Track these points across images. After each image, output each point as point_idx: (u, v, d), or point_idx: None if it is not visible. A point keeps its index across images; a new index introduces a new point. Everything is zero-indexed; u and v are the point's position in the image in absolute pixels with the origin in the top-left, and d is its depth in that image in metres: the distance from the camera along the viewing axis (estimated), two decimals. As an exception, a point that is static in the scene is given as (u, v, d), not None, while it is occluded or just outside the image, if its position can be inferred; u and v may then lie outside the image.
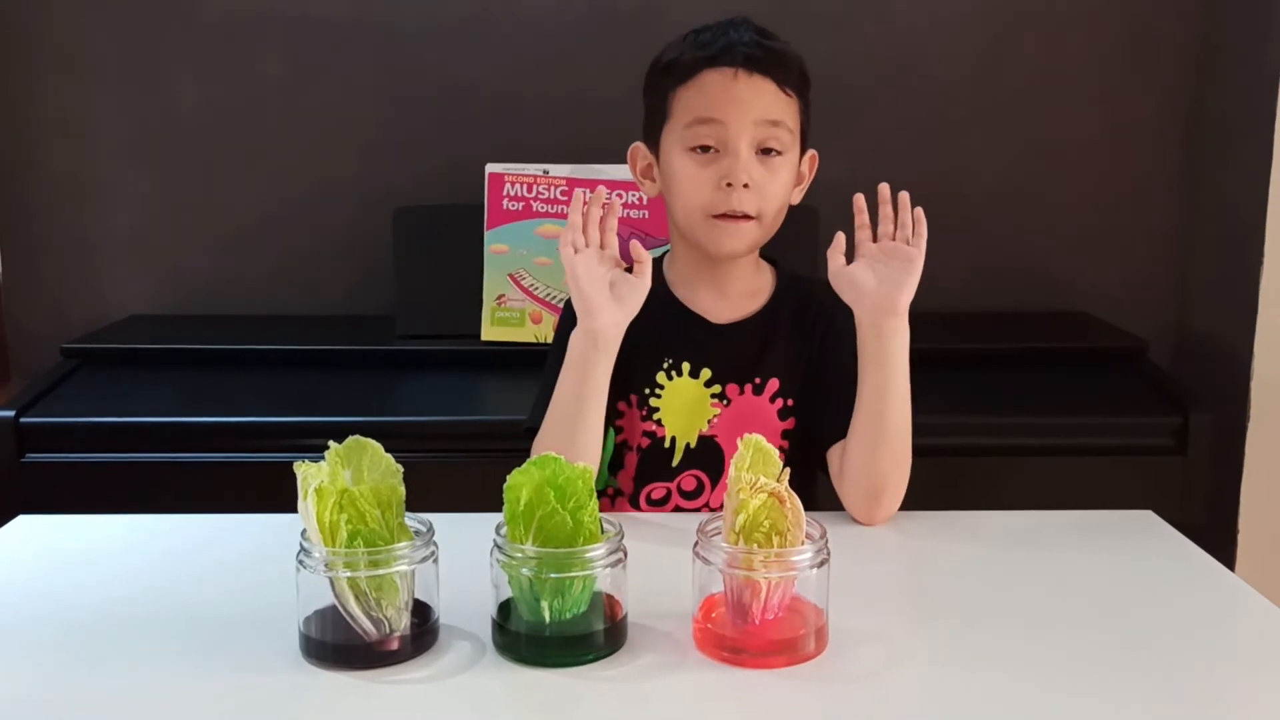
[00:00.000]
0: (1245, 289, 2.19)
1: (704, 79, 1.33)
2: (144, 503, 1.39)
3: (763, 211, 1.34)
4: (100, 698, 0.92)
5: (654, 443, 1.41)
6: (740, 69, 1.32)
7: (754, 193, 1.32)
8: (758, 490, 0.97)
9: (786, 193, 1.36)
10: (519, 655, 0.97)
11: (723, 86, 1.32)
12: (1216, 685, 0.95)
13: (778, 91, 1.33)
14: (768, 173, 1.33)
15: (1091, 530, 1.30)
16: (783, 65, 1.34)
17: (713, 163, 1.33)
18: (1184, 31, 2.40)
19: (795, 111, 1.35)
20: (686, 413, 1.40)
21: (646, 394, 1.41)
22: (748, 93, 1.32)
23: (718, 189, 1.32)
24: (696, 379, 1.39)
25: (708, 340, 1.40)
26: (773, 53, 1.34)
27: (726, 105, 1.31)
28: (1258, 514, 2.21)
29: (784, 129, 1.33)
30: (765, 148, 1.33)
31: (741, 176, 1.31)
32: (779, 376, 1.40)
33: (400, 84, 2.40)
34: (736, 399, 1.40)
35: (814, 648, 0.98)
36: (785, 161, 1.34)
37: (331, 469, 0.97)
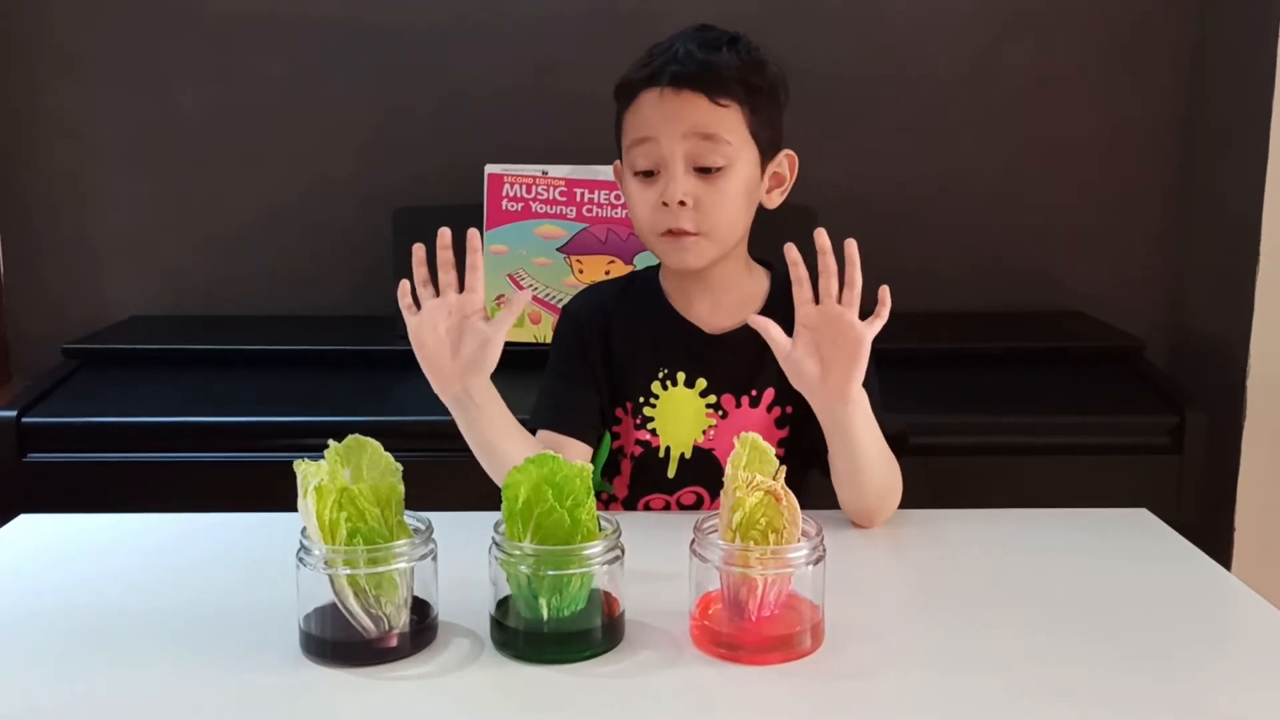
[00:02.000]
0: (1241, 288, 2.20)
1: (641, 100, 1.32)
2: (145, 502, 1.39)
3: (707, 228, 1.31)
4: (102, 695, 0.93)
5: (648, 451, 1.41)
6: (666, 87, 1.29)
7: (693, 210, 1.30)
8: (754, 488, 0.98)
9: (733, 205, 1.32)
10: (517, 652, 0.98)
11: (653, 105, 1.30)
12: (1211, 683, 0.95)
13: (709, 105, 1.29)
14: (707, 188, 1.30)
15: (1086, 528, 1.30)
16: (712, 75, 1.29)
17: (654, 184, 1.32)
18: (1179, 32, 2.41)
19: (736, 121, 1.30)
20: (682, 423, 1.39)
21: (641, 402, 1.41)
22: (676, 109, 1.29)
23: (658, 209, 1.31)
24: (692, 389, 1.39)
25: (703, 350, 1.39)
26: (703, 65, 1.29)
27: (656, 123, 1.30)
28: (1254, 513, 2.21)
29: (719, 142, 1.29)
30: (700, 165, 1.29)
31: (675, 195, 1.29)
32: (775, 385, 1.37)
33: (400, 85, 2.41)
34: (733, 412, 1.39)
35: (810, 644, 0.99)
36: (729, 175, 1.30)
37: (331, 467, 0.98)
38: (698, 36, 1.34)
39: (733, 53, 1.32)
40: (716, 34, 1.35)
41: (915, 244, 2.46)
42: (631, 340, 1.41)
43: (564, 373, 1.45)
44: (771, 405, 1.39)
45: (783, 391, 1.36)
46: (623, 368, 1.41)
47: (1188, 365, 2.41)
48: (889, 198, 2.45)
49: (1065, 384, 2.11)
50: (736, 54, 1.33)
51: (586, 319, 1.45)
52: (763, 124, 1.33)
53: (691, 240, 1.31)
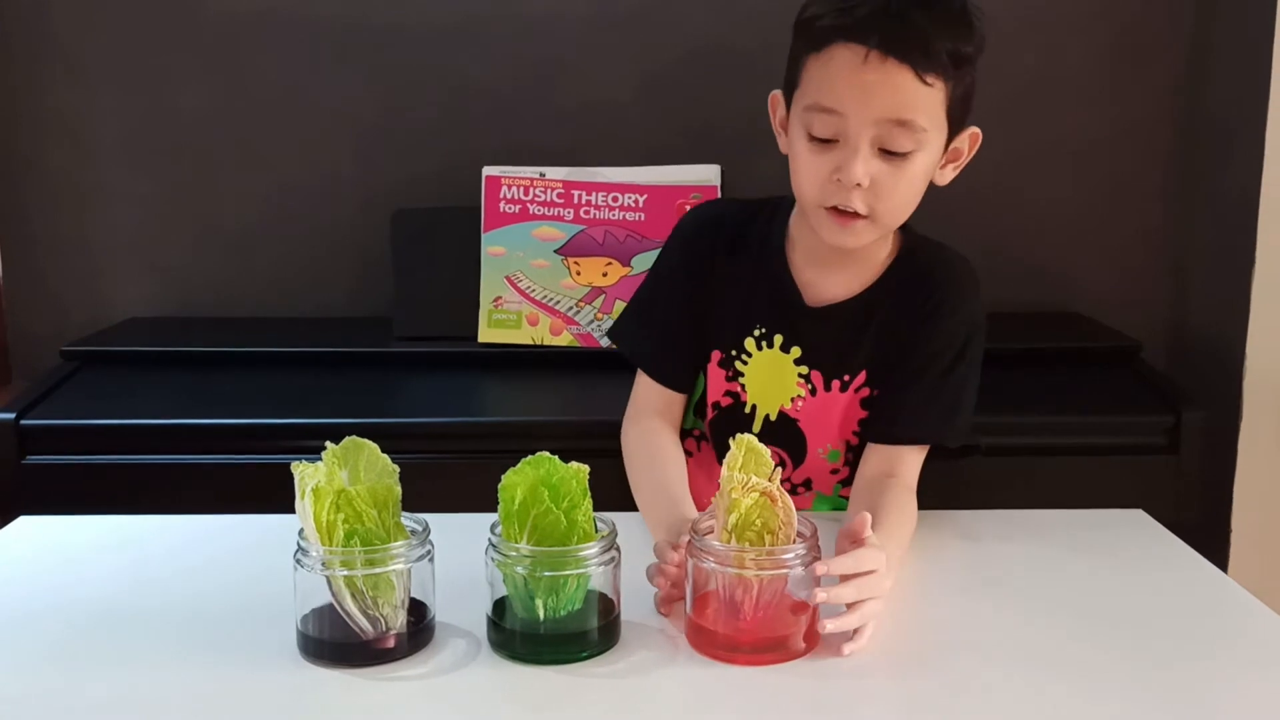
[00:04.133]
0: (1238, 289, 2.20)
1: (832, 54, 1.15)
2: (144, 504, 1.40)
3: (879, 211, 1.19)
4: (100, 695, 0.93)
5: (735, 404, 1.35)
6: (874, 50, 1.12)
7: (868, 193, 1.18)
8: (749, 490, 0.99)
9: (912, 189, 1.20)
10: (514, 653, 0.98)
11: (849, 70, 1.13)
12: (1206, 684, 0.96)
13: (914, 82, 1.13)
14: (890, 171, 1.17)
15: (1082, 529, 1.31)
16: (926, 45, 1.12)
17: (829, 151, 1.17)
18: (1176, 32, 2.41)
19: (937, 102, 1.16)
20: (771, 384, 1.33)
21: (733, 355, 1.34)
22: (877, 82, 1.13)
23: (830, 181, 1.18)
24: (787, 354, 1.32)
25: (801, 321, 1.31)
26: (916, 30, 1.12)
27: (848, 96, 1.14)
28: (1251, 514, 2.22)
29: (915, 129, 1.15)
30: (887, 148, 1.16)
31: (855, 177, 1.16)
32: (868, 367, 1.31)
33: (398, 86, 2.41)
34: (822, 392, 1.33)
35: (804, 645, 0.99)
36: (915, 159, 1.17)
37: (328, 469, 0.98)
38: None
39: (945, 8, 1.16)
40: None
41: (913, 245, 2.46)
42: (734, 285, 1.33)
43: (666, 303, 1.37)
44: (860, 387, 1.32)
45: (874, 373, 1.31)
46: (720, 312, 1.33)
47: (1185, 366, 2.41)
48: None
49: (1062, 384, 2.11)
50: (950, 10, 1.17)
51: (697, 244, 1.36)
52: (961, 99, 1.19)
53: (861, 224, 1.20)
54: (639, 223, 2.17)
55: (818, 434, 1.34)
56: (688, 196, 2.16)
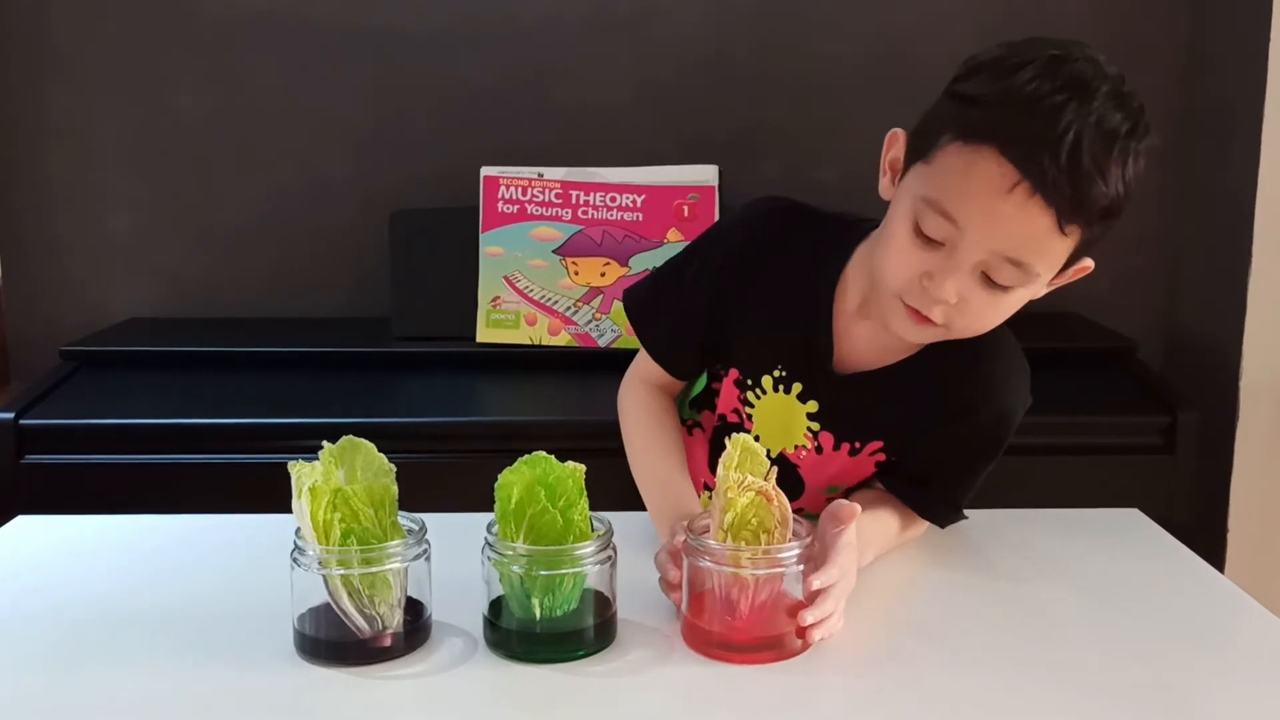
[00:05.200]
0: (1234, 289, 2.21)
1: (977, 157, 0.98)
2: (142, 503, 1.40)
3: (959, 329, 1.08)
4: (98, 694, 0.93)
5: (739, 427, 1.28)
6: (1024, 182, 0.96)
7: (954, 311, 1.05)
8: (745, 489, 0.99)
9: (1003, 314, 1.08)
10: (510, 652, 0.98)
11: (987, 188, 0.98)
12: (1202, 684, 0.96)
13: (1052, 229, 0.98)
14: (985, 298, 1.04)
15: (1078, 528, 1.31)
16: (1082, 196, 0.97)
17: (929, 251, 1.04)
18: (1170, 34, 2.41)
19: (1067, 249, 1.02)
20: (778, 427, 1.26)
21: (749, 384, 1.26)
22: (1012, 217, 0.98)
23: (919, 279, 1.05)
24: (803, 405, 1.23)
25: (825, 383, 1.21)
26: (1083, 182, 0.96)
27: (976, 215, 1.00)
28: (1248, 514, 2.22)
29: (1028, 270, 1.02)
30: (991, 278, 1.03)
31: (946, 295, 1.03)
32: (885, 438, 1.22)
33: (396, 88, 2.42)
34: (829, 452, 1.25)
35: (800, 644, 1.00)
36: (1016, 292, 1.05)
37: (325, 468, 0.98)
38: (1102, 110, 0.97)
39: (1124, 151, 0.98)
40: (1123, 113, 0.98)
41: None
42: (767, 314, 1.22)
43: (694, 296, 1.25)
44: (875, 453, 1.24)
45: (891, 443, 1.23)
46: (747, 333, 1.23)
47: (1181, 366, 2.42)
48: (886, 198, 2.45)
49: (1058, 384, 2.11)
50: (1127, 154, 0.98)
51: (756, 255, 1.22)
52: (1091, 242, 1.04)
53: (934, 331, 1.08)
54: (637, 223, 2.18)
55: (817, 479, 1.29)
56: (685, 197, 2.17)
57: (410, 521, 1.01)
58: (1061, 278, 1.08)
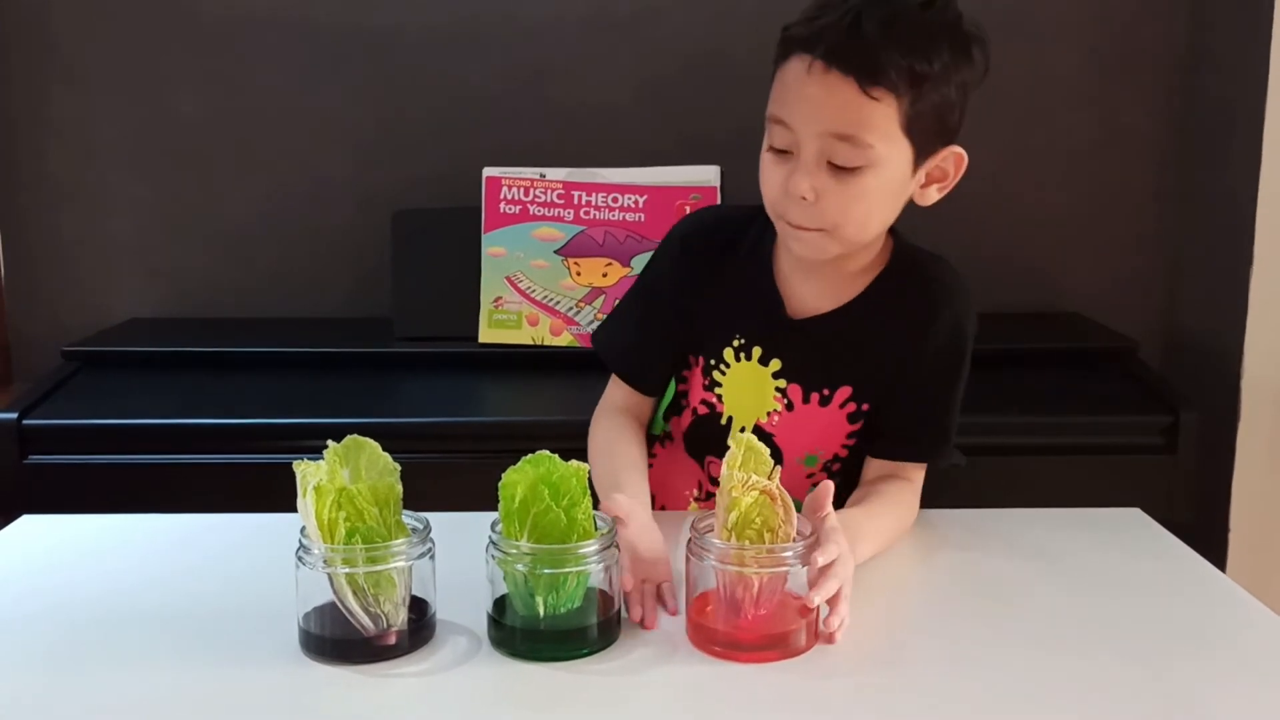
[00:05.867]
0: (1235, 289, 2.21)
1: (789, 65, 1.14)
2: (145, 504, 1.40)
3: (830, 225, 1.16)
4: (102, 693, 0.93)
5: (711, 414, 1.33)
6: (818, 60, 1.10)
7: (817, 207, 1.14)
8: (749, 488, 0.99)
9: (867, 205, 1.15)
10: (514, 650, 0.99)
11: (797, 81, 1.13)
12: (1204, 683, 0.96)
13: (858, 96, 1.09)
14: (838, 186, 1.13)
15: (1079, 527, 1.31)
16: (870, 59, 1.09)
17: (784, 163, 1.16)
18: (1170, 35, 2.42)
19: (889, 115, 1.11)
20: (747, 398, 1.30)
21: (712, 364, 1.31)
22: (819, 94, 1.11)
23: (784, 193, 1.16)
24: (765, 367, 1.28)
25: (782, 332, 1.27)
26: (863, 43, 1.09)
27: (794, 107, 1.13)
28: (1249, 513, 2.22)
29: (859, 145, 1.11)
30: (835, 163, 1.13)
31: (797, 190, 1.14)
32: (853, 384, 1.27)
33: (398, 88, 2.42)
34: (799, 406, 1.29)
35: (805, 642, 1.00)
36: (867, 174, 1.13)
37: (330, 468, 0.98)
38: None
39: (914, 23, 1.11)
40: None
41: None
42: (720, 294, 1.30)
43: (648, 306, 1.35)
44: (845, 403, 1.28)
45: (860, 389, 1.27)
46: (703, 319, 1.30)
47: (1182, 366, 2.42)
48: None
49: (1059, 384, 2.12)
50: (919, 26, 1.12)
51: (690, 253, 1.33)
52: (924, 115, 1.13)
53: (811, 235, 1.17)
54: (639, 223, 2.18)
55: (794, 446, 1.31)
56: (687, 197, 2.17)
57: (415, 520, 1.02)
58: (942, 167, 1.19)
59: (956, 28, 1.15)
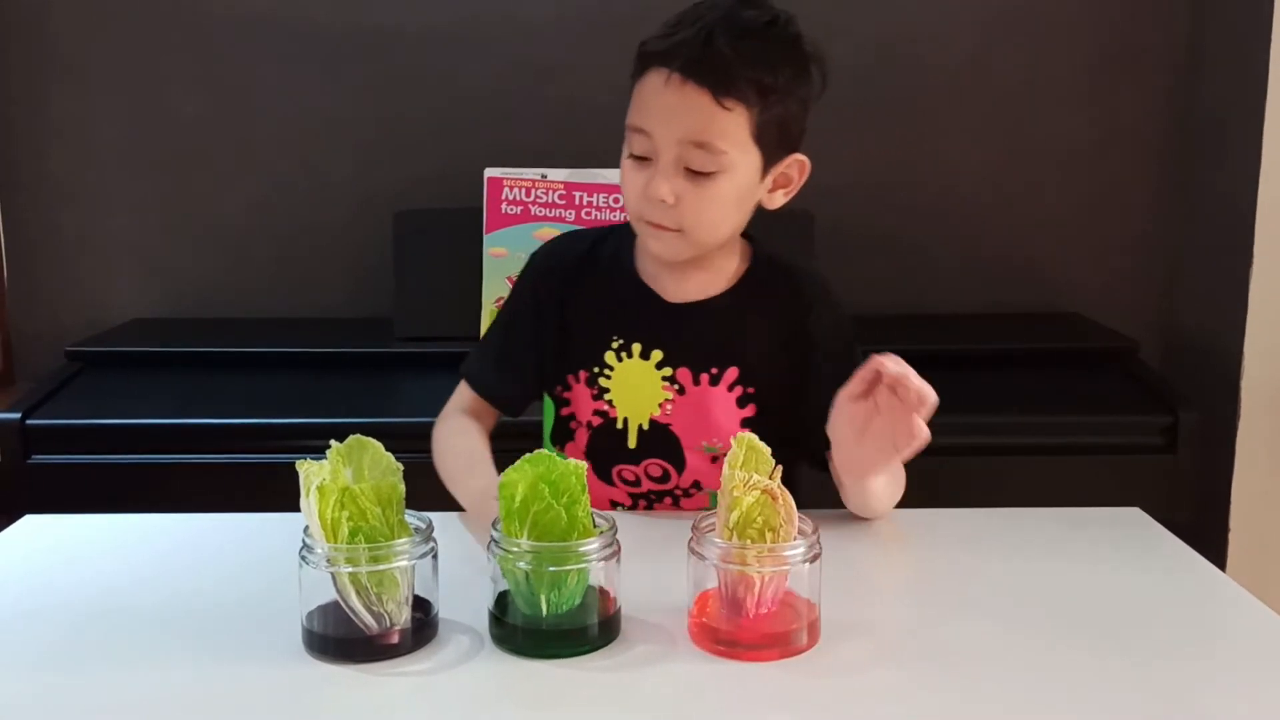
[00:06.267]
0: (1235, 289, 2.21)
1: (647, 78, 1.23)
2: (148, 503, 1.40)
3: (688, 227, 1.25)
4: (107, 691, 0.94)
5: (606, 422, 1.36)
6: (675, 74, 1.20)
7: (674, 209, 1.23)
8: (751, 487, 0.99)
9: (720, 208, 1.25)
10: (516, 647, 0.99)
11: (655, 93, 1.22)
12: (1204, 683, 0.96)
13: (712, 105, 1.19)
14: (694, 189, 1.23)
15: (1079, 527, 1.31)
16: (723, 72, 1.18)
17: (644, 169, 1.24)
18: (1170, 34, 2.42)
19: (741, 124, 1.21)
20: (637, 394, 1.34)
21: (596, 373, 1.35)
22: (676, 104, 1.20)
23: (644, 196, 1.24)
24: (647, 360, 1.33)
25: (660, 320, 1.33)
26: (716, 57, 1.19)
27: (653, 116, 1.22)
28: (1249, 513, 2.23)
29: (714, 151, 1.21)
30: (691, 168, 1.22)
31: (657, 193, 1.22)
32: (739, 365, 1.32)
33: (399, 89, 2.42)
34: (690, 389, 1.33)
35: (806, 641, 1.00)
36: (720, 179, 1.23)
37: (333, 467, 0.99)
38: (732, 13, 1.22)
39: (759, 40, 1.22)
40: (754, 13, 1.24)
41: (910, 246, 2.47)
42: (587, 305, 1.36)
43: (506, 328, 1.43)
44: (733, 385, 1.33)
45: (747, 371, 1.33)
46: (576, 333, 1.36)
47: (1182, 365, 2.42)
48: (885, 200, 2.46)
49: (1060, 384, 2.13)
50: (765, 42, 1.22)
51: (545, 275, 1.40)
52: (771, 125, 1.24)
53: (670, 235, 1.26)
54: (639, 224, 2.18)
55: (693, 433, 1.34)
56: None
57: (417, 520, 1.02)
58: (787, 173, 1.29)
59: (798, 46, 1.26)
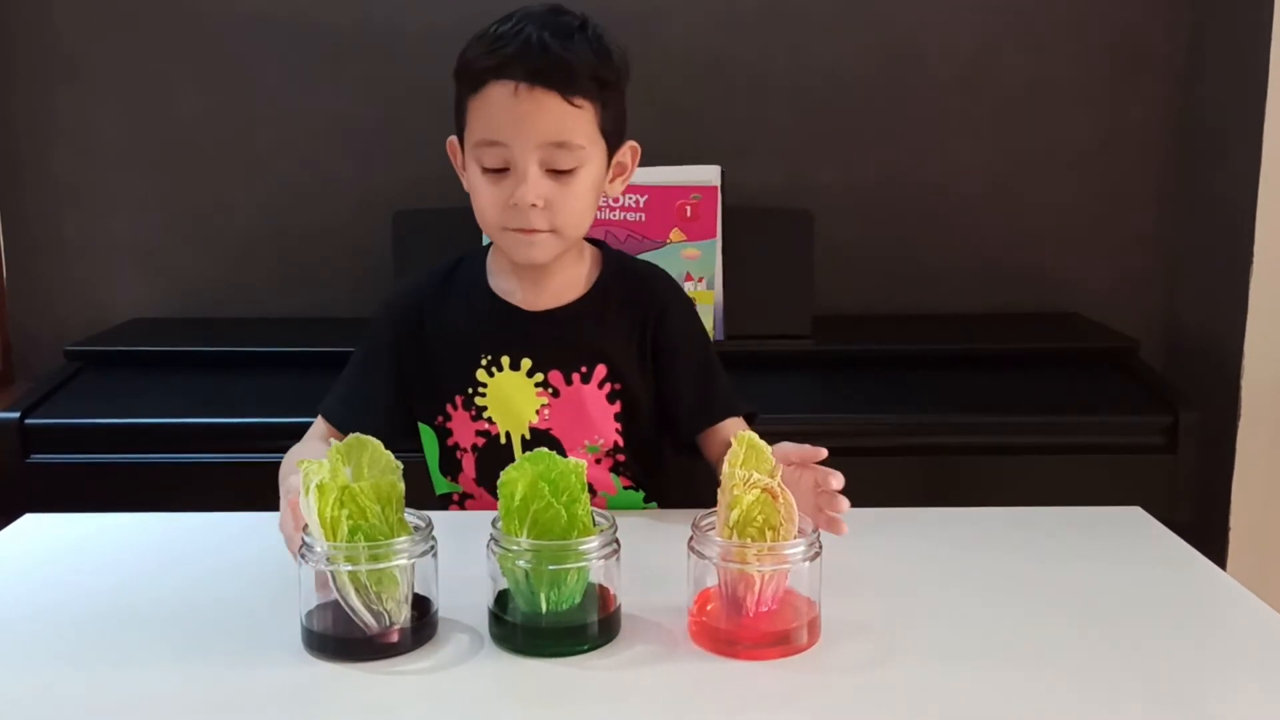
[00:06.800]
0: (1235, 289, 2.21)
1: (489, 93, 1.26)
2: (148, 503, 1.40)
3: (557, 225, 1.29)
4: (105, 690, 0.94)
5: (490, 441, 1.38)
6: (522, 83, 1.24)
7: (545, 210, 1.28)
8: (751, 486, 0.99)
9: (583, 201, 1.31)
10: (515, 646, 0.99)
11: (505, 104, 1.25)
12: (1205, 681, 0.96)
13: (564, 105, 1.25)
14: (559, 189, 1.28)
15: (1081, 526, 1.31)
16: (567, 72, 1.25)
17: (502, 180, 1.28)
18: (1171, 36, 2.42)
19: (588, 121, 1.28)
20: (513, 406, 1.37)
21: (471, 394, 1.38)
22: (530, 110, 1.24)
23: (508, 207, 1.28)
24: (518, 370, 1.36)
25: (524, 329, 1.37)
26: (558, 59, 1.25)
27: (508, 126, 1.25)
28: (1250, 512, 2.22)
29: (573, 148, 1.27)
30: (553, 169, 1.27)
31: (528, 198, 1.26)
32: (606, 362, 1.36)
33: (399, 87, 2.42)
34: (565, 389, 1.36)
35: (806, 640, 1.00)
36: (579, 175, 1.29)
37: (333, 466, 0.99)
38: (549, 21, 1.28)
39: (584, 41, 1.28)
40: (568, 18, 1.30)
41: (911, 246, 2.47)
42: (450, 331, 1.39)
43: (364, 367, 1.43)
44: (603, 382, 1.37)
45: (613, 368, 1.37)
46: (443, 361, 1.38)
47: (1182, 365, 2.42)
48: (885, 200, 2.46)
49: (1060, 384, 2.12)
50: (588, 43, 1.29)
51: (403, 314, 1.42)
52: (611, 118, 1.32)
53: (542, 237, 1.30)
54: (639, 223, 2.18)
55: (573, 434, 1.36)
56: (687, 197, 2.17)
57: (417, 518, 1.02)
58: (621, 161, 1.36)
59: (607, 42, 1.32)
